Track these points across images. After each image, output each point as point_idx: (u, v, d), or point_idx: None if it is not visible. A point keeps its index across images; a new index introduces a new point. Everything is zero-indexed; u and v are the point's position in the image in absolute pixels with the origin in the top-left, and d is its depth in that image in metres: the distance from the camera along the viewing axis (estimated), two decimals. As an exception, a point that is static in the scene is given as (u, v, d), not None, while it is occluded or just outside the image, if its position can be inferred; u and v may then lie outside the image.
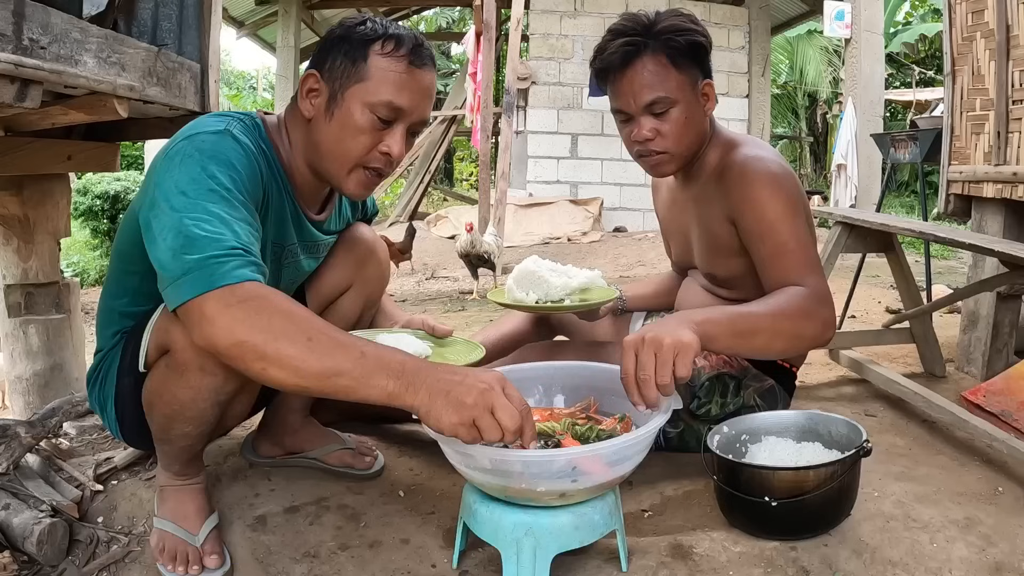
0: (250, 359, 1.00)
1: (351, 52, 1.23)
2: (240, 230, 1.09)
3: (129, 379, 1.31)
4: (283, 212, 1.34)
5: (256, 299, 1.02)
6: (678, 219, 1.75)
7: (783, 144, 14.91)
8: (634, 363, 1.15)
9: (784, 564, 1.26)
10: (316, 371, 0.99)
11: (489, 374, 1.02)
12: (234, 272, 1.03)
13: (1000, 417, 1.80)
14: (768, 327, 1.30)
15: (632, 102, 1.50)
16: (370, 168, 1.28)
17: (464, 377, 1.00)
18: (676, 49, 1.47)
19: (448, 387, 0.98)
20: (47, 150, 1.92)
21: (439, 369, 1.01)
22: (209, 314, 1.01)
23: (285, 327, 1.00)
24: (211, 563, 1.28)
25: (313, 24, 10.40)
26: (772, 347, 1.34)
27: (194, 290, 1.02)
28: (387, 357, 1.01)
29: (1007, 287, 2.33)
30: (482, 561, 1.31)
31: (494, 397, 0.98)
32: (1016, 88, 2.25)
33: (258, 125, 1.30)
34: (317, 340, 1.00)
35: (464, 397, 0.97)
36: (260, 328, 1.00)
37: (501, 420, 0.97)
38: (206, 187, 1.10)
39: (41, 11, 1.27)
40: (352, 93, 1.23)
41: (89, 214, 7.11)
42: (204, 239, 1.05)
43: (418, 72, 1.25)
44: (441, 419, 0.98)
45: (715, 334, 1.24)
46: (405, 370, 1.00)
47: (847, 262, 4.27)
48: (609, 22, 1.60)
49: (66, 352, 2.12)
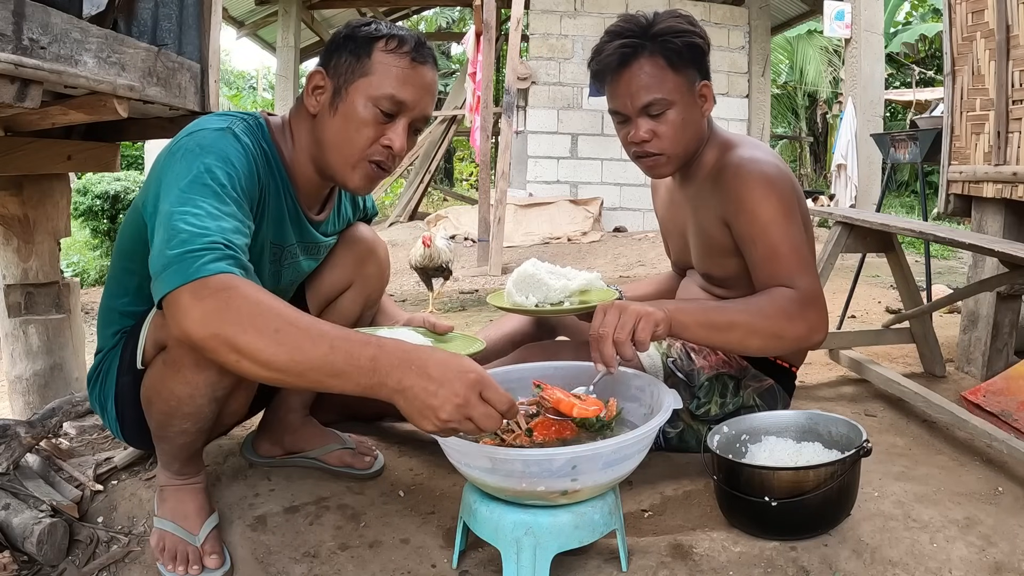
0: (223, 351, 1.00)
1: (356, 49, 1.27)
2: (226, 225, 1.09)
3: (128, 378, 1.31)
4: (282, 212, 1.35)
5: (227, 290, 1.01)
6: (676, 219, 1.75)
7: (783, 144, 14.91)
8: (600, 319, 1.25)
9: (784, 564, 1.26)
10: (284, 364, 0.98)
11: (465, 380, 0.98)
12: (208, 265, 1.02)
13: (1000, 417, 1.80)
14: (744, 323, 1.33)
15: (629, 104, 1.50)
16: (373, 162, 1.31)
17: (439, 387, 0.98)
18: (673, 51, 1.47)
19: (424, 396, 0.97)
20: (47, 150, 1.92)
21: (412, 368, 0.99)
22: (183, 306, 1.01)
23: (254, 318, 0.99)
24: (211, 563, 1.28)
25: (313, 24, 10.40)
26: (748, 344, 1.36)
27: (171, 283, 1.02)
28: (357, 352, 0.99)
29: (1007, 287, 2.33)
30: (482, 561, 1.31)
31: (470, 410, 0.98)
32: (1016, 88, 2.25)
33: (261, 126, 1.32)
34: (285, 332, 0.99)
35: (439, 412, 0.97)
36: (230, 320, 0.99)
37: (479, 425, 0.98)
38: (200, 182, 1.12)
39: (41, 11, 1.27)
40: (356, 87, 1.26)
41: (89, 214, 7.10)
42: (186, 233, 1.05)
43: (420, 68, 1.29)
44: (417, 424, 0.99)
45: (686, 322, 1.31)
46: (377, 367, 0.99)
47: (847, 262, 4.28)
48: (609, 22, 1.60)
49: (66, 352, 2.12)
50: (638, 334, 1.23)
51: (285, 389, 1.64)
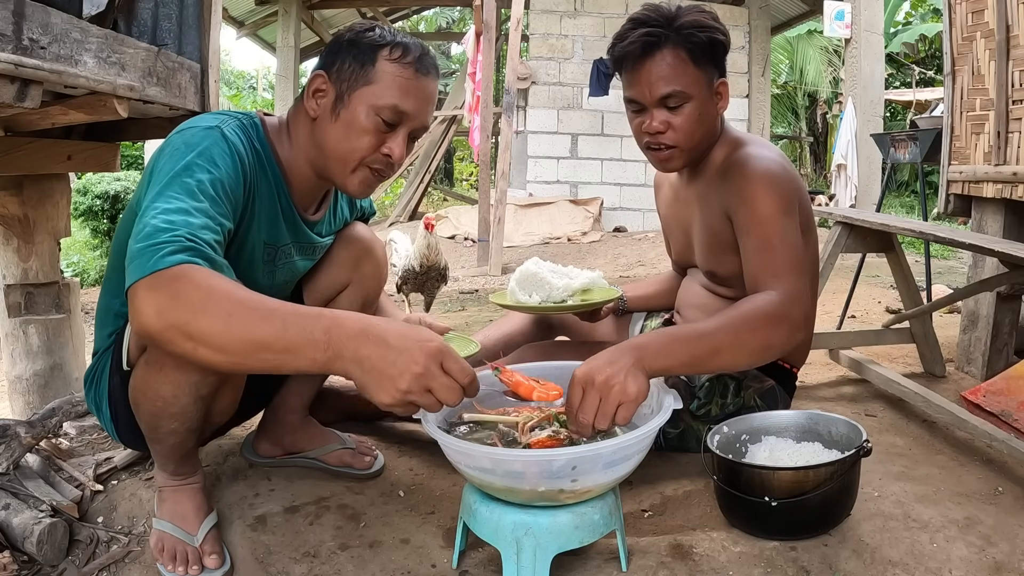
0: (179, 340, 0.98)
1: (360, 56, 1.27)
2: (195, 220, 1.08)
3: (118, 379, 1.31)
4: (275, 212, 1.35)
5: (179, 280, 0.99)
6: (680, 216, 1.75)
7: (783, 144, 14.91)
8: (579, 400, 1.14)
9: (784, 564, 1.26)
10: (239, 346, 0.97)
11: (425, 349, 0.97)
12: (166, 258, 1.01)
13: (1000, 417, 1.80)
14: (731, 344, 1.25)
15: (647, 93, 1.49)
16: (372, 168, 1.31)
17: (398, 356, 0.96)
18: (696, 45, 1.47)
19: (382, 365, 0.96)
20: (47, 150, 1.92)
21: (369, 339, 0.97)
22: (139, 300, 0.99)
23: (205, 304, 0.98)
24: (211, 563, 1.28)
25: (313, 24, 10.40)
26: (738, 362, 1.30)
27: (132, 278, 1.01)
28: (310, 326, 0.97)
29: (1007, 287, 2.33)
30: (482, 561, 1.31)
31: (430, 380, 0.96)
32: (1016, 88, 2.25)
33: (256, 125, 1.32)
34: (237, 314, 0.97)
35: (398, 382, 0.95)
36: (182, 307, 0.98)
37: (440, 398, 0.97)
38: (178, 180, 1.12)
39: (41, 11, 1.27)
40: (359, 95, 1.26)
41: (89, 214, 7.10)
42: (151, 227, 1.05)
43: (423, 79, 1.29)
44: (375, 397, 0.97)
45: (672, 366, 1.21)
46: (331, 340, 0.97)
47: (847, 262, 4.28)
48: (609, 22, 1.61)
49: (66, 352, 2.12)
50: (619, 419, 1.13)
51: (285, 389, 1.64)
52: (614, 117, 7.87)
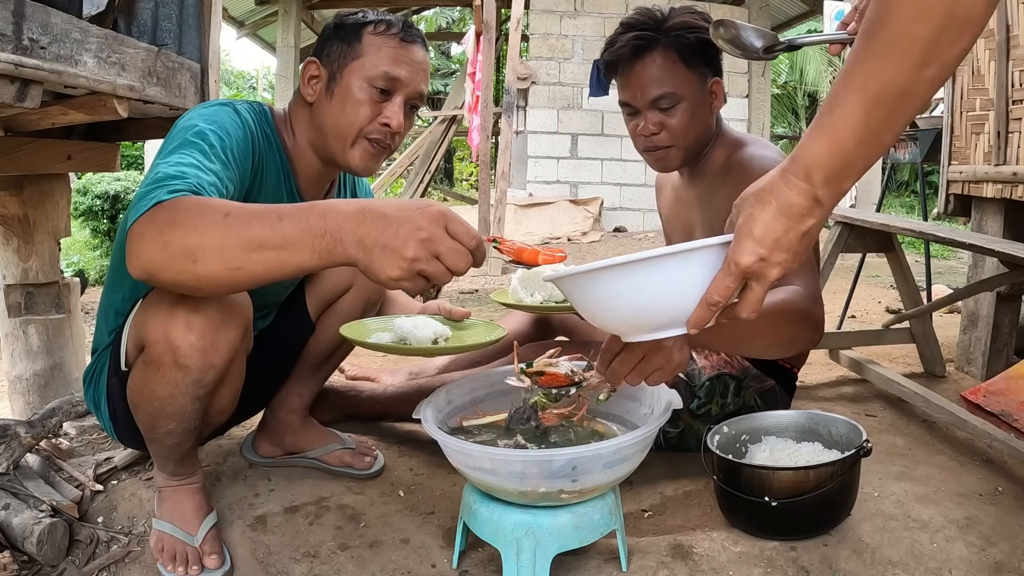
0: (181, 259, 0.96)
1: (346, 36, 1.32)
2: (204, 176, 1.09)
3: (116, 378, 1.32)
4: (280, 194, 1.37)
5: (174, 205, 0.98)
6: (682, 217, 1.75)
7: (783, 144, 14.90)
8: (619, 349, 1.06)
9: (784, 564, 1.26)
10: (238, 248, 0.94)
11: (427, 213, 0.93)
12: (167, 194, 1.00)
13: (1000, 417, 1.80)
14: (768, 331, 1.27)
15: (639, 96, 1.51)
16: (372, 139, 1.33)
17: (399, 226, 0.92)
18: (686, 46, 1.48)
19: (384, 239, 0.92)
20: (47, 150, 1.91)
21: (367, 216, 0.93)
22: (137, 232, 0.98)
23: (202, 212, 0.97)
24: (211, 563, 1.28)
25: (313, 24, 10.39)
26: (768, 351, 1.35)
27: (131, 218, 1.00)
28: (306, 214, 0.95)
29: (1007, 287, 2.33)
30: (482, 561, 1.31)
31: (437, 245, 0.92)
32: (1016, 88, 2.25)
33: (265, 112, 1.37)
34: (233, 215, 0.96)
35: (403, 250, 0.91)
36: (179, 224, 0.96)
37: (449, 264, 0.93)
38: (190, 142, 1.15)
39: (41, 11, 1.27)
40: (350, 70, 1.31)
41: (89, 214, 7.09)
42: (163, 174, 1.05)
43: (410, 46, 1.33)
44: (381, 274, 0.93)
45: (713, 343, 1.25)
46: (328, 225, 0.94)
47: (847, 262, 4.27)
48: (609, 22, 1.61)
49: (66, 352, 2.12)
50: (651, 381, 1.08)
51: (285, 389, 1.64)
52: (614, 117, 7.86)
